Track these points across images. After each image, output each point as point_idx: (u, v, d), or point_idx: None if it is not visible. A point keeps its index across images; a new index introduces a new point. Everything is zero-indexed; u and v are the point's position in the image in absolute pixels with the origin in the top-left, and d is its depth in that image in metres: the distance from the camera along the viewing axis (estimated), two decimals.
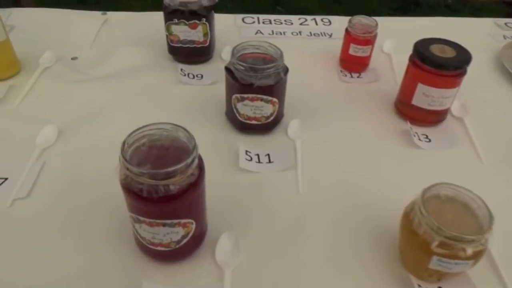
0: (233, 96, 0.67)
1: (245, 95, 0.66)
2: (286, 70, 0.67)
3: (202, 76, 0.84)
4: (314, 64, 0.90)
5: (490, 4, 2.63)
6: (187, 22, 0.80)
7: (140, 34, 0.95)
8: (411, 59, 0.73)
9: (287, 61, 0.68)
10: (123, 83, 0.80)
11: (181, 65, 0.86)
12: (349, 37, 0.84)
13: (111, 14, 1.01)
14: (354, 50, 0.84)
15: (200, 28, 0.81)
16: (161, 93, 0.79)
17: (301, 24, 1.04)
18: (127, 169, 0.42)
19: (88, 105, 0.74)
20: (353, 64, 0.87)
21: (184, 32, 0.81)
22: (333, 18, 1.06)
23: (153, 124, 0.48)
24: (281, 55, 0.66)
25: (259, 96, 0.65)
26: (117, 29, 0.97)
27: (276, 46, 0.68)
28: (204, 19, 0.80)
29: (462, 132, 0.75)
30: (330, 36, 1.00)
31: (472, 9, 2.57)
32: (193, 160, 0.43)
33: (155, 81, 0.82)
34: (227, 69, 0.66)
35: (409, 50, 0.73)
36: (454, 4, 2.62)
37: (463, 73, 0.69)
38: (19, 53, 0.82)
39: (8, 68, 0.78)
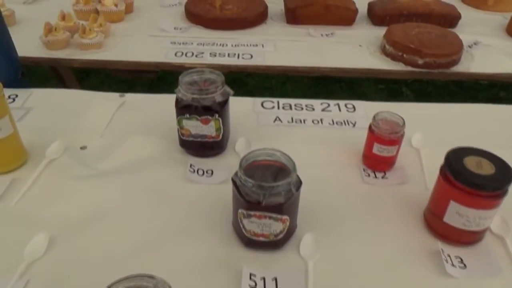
0: (239, 211, 0.61)
1: (252, 212, 0.59)
2: (299, 184, 0.60)
3: (212, 173, 0.78)
4: (335, 159, 0.84)
5: None
6: (199, 118, 0.76)
7: (155, 119, 0.92)
8: (442, 172, 0.64)
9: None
10: (129, 180, 0.76)
11: (191, 159, 0.81)
12: (373, 136, 0.77)
13: (128, 96, 0.99)
14: (379, 149, 0.77)
15: (212, 123, 0.77)
16: (167, 192, 0.74)
17: (323, 110, 0.98)
18: None
19: (87, 207, 0.70)
20: (377, 162, 0.80)
21: (196, 127, 0.77)
22: (357, 103, 1.00)
23: (134, 276, 0.41)
24: (294, 167, 0.60)
25: (267, 214, 0.59)
26: (132, 113, 0.94)
27: (289, 157, 0.61)
28: (217, 114, 0.76)
29: (504, 254, 0.65)
30: (354, 125, 0.93)
31: None
32: None
33: (163, 178, 0.77)
34: (233, 181, 0.61)
35: (441, 144, 0.66)
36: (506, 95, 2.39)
37: (504, 193, 0.60)
38: (29, 141, 0.81)
39: (13, 161, 0.76)
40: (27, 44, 1.16)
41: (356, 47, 1.26)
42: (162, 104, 0.96)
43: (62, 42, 1.17)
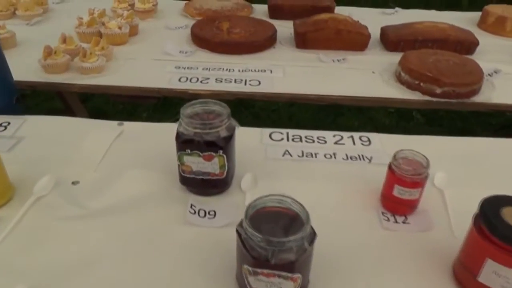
0: (244, 266, 0.53)
1: (259, 270, 0.52)
2: (313, 237, 0.53)
3: (215, 214, 0.71)
4: (349, 200, 0.76)
5: None
6: (201, 154, 0.69)
7: (154, 151, 0.85)
8: (477, 223, 0.57)
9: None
10: (122, 221, 0.69)
11: (192, 197, 0.74)
12: (393, 176, 0.69)
13: (127, 125, 0.93)
14: (400, 192, 0.69)
15: (216, 160, 0.70)
16: (164, 236, 0.67)
17: (336, 143, 0.91)
18: None
19: (73, 254, 0.63)
20: (398, 205, 0.72)
21: (197, 163, 0.70)
22: (372, 136, 0.93)
23: None
24: (308, 218, 0.52)
25: (276, 272, 0.51)
26: (130, 143, 0.88)
27: (302, 206, 0.54)
28: (221, 150, 0.69)
29: None
30: (370, 160, 0.86)
31: None
32: None
33: (160, 220, 0.70)
34: (238, 232, 0.53)
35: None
36: None
37: None
38: (17, 174, 0.74)
39: None
40: (26, 67, 1.11)
41: (369, 74, 1.19)
42: (163, 134, 0.89)
43: (62, 65, 1.12)
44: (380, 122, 2.42)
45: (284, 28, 1.42)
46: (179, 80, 1.13)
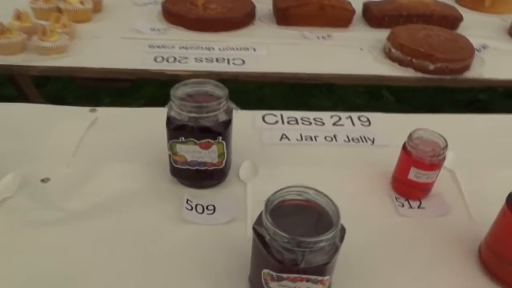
0: (265, 271, 0.46)
1: (285, 275, 0.44)
2: (343, 234, 0.46)
3: (214, 209, 0.63)
4: (358, 185, 0.70)
5: None
6: (197, 141, 0.60)
7: (135, 139, 0.75)
8: (510, 202, 0.52)
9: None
10: (107, 224, 0.59)
11: (187, 191, 0.65)
12: (409, 159, 0.63)
13: (101, 111, 0.82)
14: (416, 175, 0.64)
15: (214, 148, 0.61)
16: (157, 239, 0.58)
17: (334, 124, 0.84)
18: None
19: (50, 266, 0.53)
20: (412, 189, 0.66)
21: (193, 152, 0.61)
22: (372, 116, 0.87)
23: None
24: (338, 213, 0.45)
25: (305, 276, 0.44)
26: (107, 132, 0.77)
27: (328, 198, 0.47)
28: (220, 137, 0.60)
29: None
30: (373, 142, 0.80)
31: None
32: None
33: (151, 219, 0.61)
34: (257, 232, 0.45)
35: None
36: None
37: None
38: None
39: None
40: None
41: (357, 51, 1.13)
42: (145, 120, 0.80)
43: (17, 45, 0.97)
44: (352, 101, 2.40)
45: (262, 4, 1.32)
46: (155, 60, 1.01)
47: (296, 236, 0.42)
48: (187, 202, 0.62)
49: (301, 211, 0.48)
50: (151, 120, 0.79)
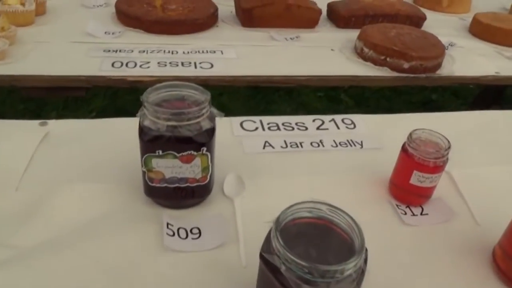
0: None
1: None
2: (366, 256, 0.39)
3: (199, 233, 0.54)
4: (355, 193, 0.64)
5: None
6: (177, 155, 0.51)
7: (98, 157, 0.64)
8: None
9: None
10: (65, 260, 0.48)
11: (165, 212, 0.55)
12: (412, 161, 0.58)
13: (53, 125, 0.70)
14: (420, 179, 0.58)
15: (197, 161, 0.52)
16: (136, 272, 0.48)
17: (318, 128, 0.78)
18: None
19: None
20: (413, 195, 0.61)
21: (172, 168, 0.52)
22: (355, 118, 0.82)
23: None
24: (360, 230, 0.38)
25: None
26: (62, 148, 0.66)
27: (347, 215, 0.40)
28: (204, 148, 0.52)
29: None
30: (362, 145, 0.75)
31: None
32: None
33: (127, 249, 0.51)
34: (266, 261, 0.37)
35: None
36: None
37: None
38: None
39: None
40: None
41: (328, 52, 1.09)
42: (108, 133, 0.70)
43: None
44: (312, 106, 2.38)
45: (223, 5, 1.25)
46: (112, 65, 0.91)
47: (318, 264, 0.35)
48: (167, 227, 0.53)
49: (312, 231, 0.41)
50: (114, 132, 0.70)
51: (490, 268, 0.54)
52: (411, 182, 0.59)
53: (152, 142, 0.50)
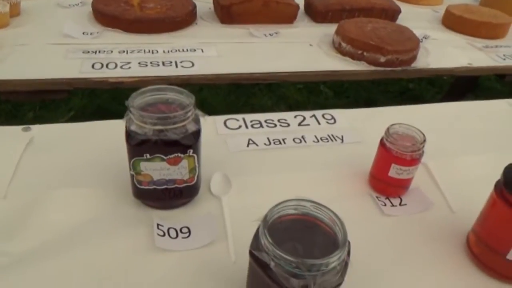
0: None
1: None
2: (349, 248, 0.41)
3: (189, 232, 0.55)
4: (336, 187, 0.66)
5: None
6: (165, 157, 0.52)
7: (85, 161, 0.65)
8: (501, 193, 0.51)
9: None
10: (65, 265, 0.49)
11: (155, 213, 0.57)
12: (389, 155, 0.61)
13: (37, 130, 0.70)
14: (397, 172, 0.61)
15: (184, 163, 0.54)
16: (129, 274, 0.50)
17: (299, 124, 0.80)
18: None
19: None
20: (391, 187, 0.64)
21: (160, 170, 0.53)
22: (335, 112, 0.85)
23: None
24: (343, 224, 0.41)
25: None
26: (47, 153, 0.66)
27: (330, 211, 0.42)
28: (191, 150, 0.53)
29: None
30: (342, 140, 0.77)
31: None
32: None
33: (119, 251, 0.52)
34: (256, 258, 0.39)
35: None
36: None
37: None
38: None
39: None
40: None
41: (307, 47, 1.11)
42: (94, 136, 0.70)
43: None
44: (292, 98, 2.41)
45: (201, 2, 1.25)
46: (93, 67, 0.91)
47: (305, 258, 0.37)
48: (158, 227, 0.54)
49: (298, 227, 0.43)
50: (99, 135, 0.70)
51: (464, 253, 0.57)
52: (389, 175, 0.62)
53: (139, 146, 0.52)
